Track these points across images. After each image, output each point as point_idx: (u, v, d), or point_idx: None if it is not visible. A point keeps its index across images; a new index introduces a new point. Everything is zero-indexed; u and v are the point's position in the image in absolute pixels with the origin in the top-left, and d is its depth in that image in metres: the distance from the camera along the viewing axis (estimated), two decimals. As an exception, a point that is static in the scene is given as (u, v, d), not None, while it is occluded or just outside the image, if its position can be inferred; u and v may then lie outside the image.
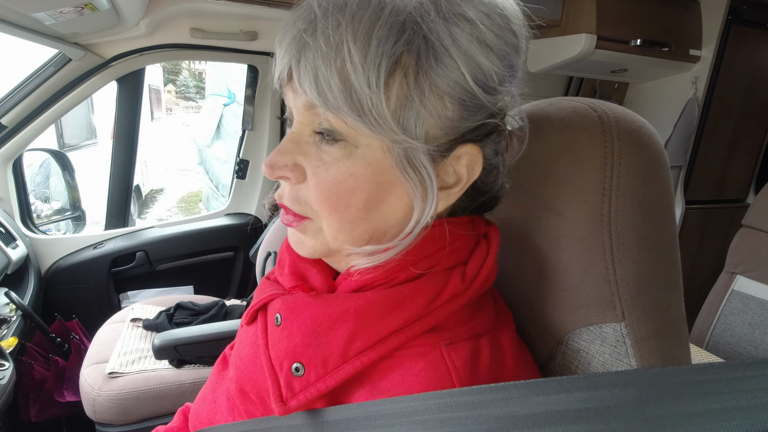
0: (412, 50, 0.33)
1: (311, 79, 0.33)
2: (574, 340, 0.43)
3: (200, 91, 11.51)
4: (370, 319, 0.37)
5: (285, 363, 0.39)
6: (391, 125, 0.34)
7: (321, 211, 0.38)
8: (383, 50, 0.32)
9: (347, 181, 0.36)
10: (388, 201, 0.37)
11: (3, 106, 1.46)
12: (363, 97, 0.33)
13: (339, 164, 0.36)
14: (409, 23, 0.33)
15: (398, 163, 0.35)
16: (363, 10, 0.33)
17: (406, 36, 0.33)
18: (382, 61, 0.32)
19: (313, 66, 0.33)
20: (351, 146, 0.36)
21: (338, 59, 0.32)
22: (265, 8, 1.46)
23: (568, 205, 0.41)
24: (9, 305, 1.29)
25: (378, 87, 0.32)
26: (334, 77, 0.33)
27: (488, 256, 0.41)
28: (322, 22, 0.33)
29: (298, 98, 0.37)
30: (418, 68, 0.33)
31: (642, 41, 1.61)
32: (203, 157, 6.15)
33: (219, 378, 0.52)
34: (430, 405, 0.33)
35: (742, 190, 2.06)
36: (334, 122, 0.35)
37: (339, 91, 0.33)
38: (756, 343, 1.29)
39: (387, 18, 0.32)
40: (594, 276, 0.40)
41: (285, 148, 0.38)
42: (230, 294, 2.01)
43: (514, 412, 0.30)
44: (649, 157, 0.40)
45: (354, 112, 0.33)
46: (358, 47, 0.32)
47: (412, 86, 0.33)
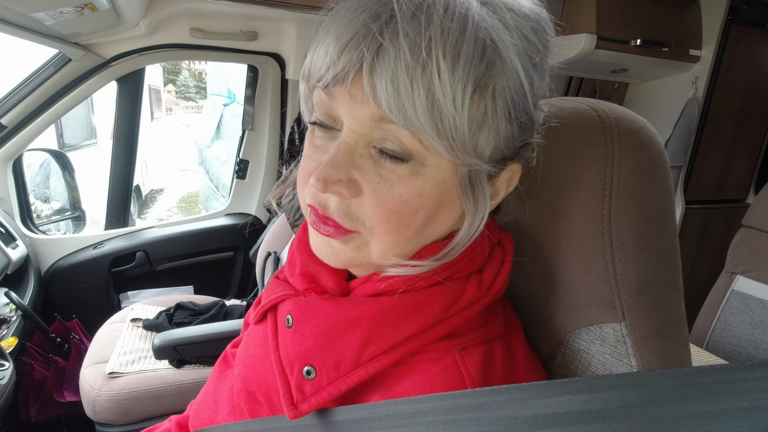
0: (492, 71, 0.31)
1: (391, 91, 0.30)
2: (574, 340, 0.43)
3: (200, 91, 11.52)
4: (385, 325, 0.37)
5: (296, 365, 0.38)
6: (468, 147, 0.32)
7: (378, 229, 0.35)
8: (470, 69, 0.30)
9: (414, 201, 0.34)
10: (441, 218, 0.37)
11: (3, 106, 1.46)
12: (446, 117, 0.30)
13: (405, 183, 0.34)
14: (488, 42, 0.31)
15: (462, 183, 0.35)
16: (450, 19, 0.30)
17: (488, 56, 0.31)
18: (469, 81, 0.30)
19: (394, 76, 0.30)
20: (418, 165, 0.33)
21: (426, 74, 0.30)
22: (265, 8, 1.46)
23: (568, 205, 0.41)
24: (9, 305, 1.29)
25: (463, 108, 0.31)
26: (420, 94, 0.30)
27: (504, 264, 0.41)
28: (405, 25, 0.30)
29: (361, 107, 0.32)
30: (495, 90, 0.32)
31: (642, 41, 1.61)
32: (203, 157, 6.16)
33: (220, 378, 0.52)
34: (434, 407, 0.33)
35: (742, 190, 2.06)
36: (407, 140, 0.32)
37: (423, 110, 0.30)
38: (756, 343, 1.29)
39: (472, 33, 0.30)
40: (594, 276, 0.40)
41: (340, 161, 0.34)
42: (230, 294, 2.01)
43: (517, 414, 0.30)
44: (649, 158, 0.40)
45: (435, 132, 0.31)
46: (447, 63, 0.30)
47: (490, 109, 0.32)
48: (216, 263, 1.95)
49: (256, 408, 0.43)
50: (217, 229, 1.93)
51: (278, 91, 1.91)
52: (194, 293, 1.91)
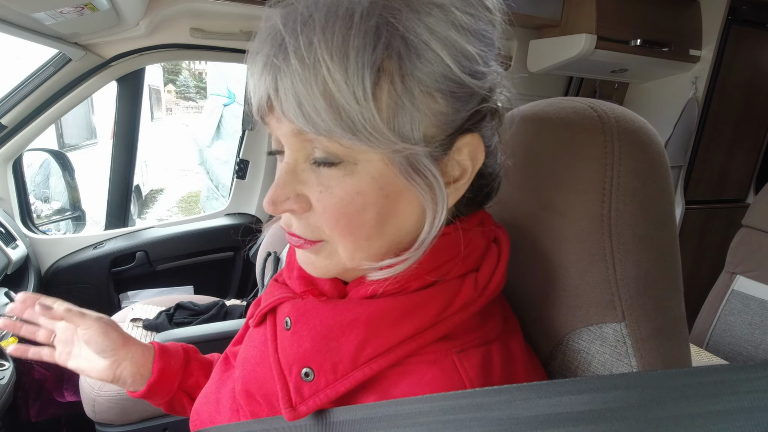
0: (393, 54, 0.31)
1: (295, 106, 0.32)
2: (574, 340, 0.43)
3: (200, 91, 11.52)
4: (381, 327, 0.37)
5: (294, 367, 0.38)
6: (388, 136, 0.32)
7: (334, 235, 0.36)
8: (363, 61, 0.30)
9: (355, 200, 0.34)
10: (399, 210, 0.36)
11: (3, 106, 1.46)
12: (353, 113, 0.31)
13: (342, 185, 0.34)
14: (382, 25, 0.31)
15: (402, 171, 0.34)
16: (332, 22, 0.31)
17: (383, 40, 0.31)
18: (365, 73, 0.30)
19: (294, 91, 0.31)
20: (350, 164, 0.34)
21: (318, 80, 0.31)
22: (265, 8, 1.46)
23: (568, 206, 0.41)
24: (9, 305, 1.29)
25: (366, 100, 0.31)
26: (319, 100, 0.31)
27: (499, 263, 0.40)
28: (291, 43, 0.31)
29: (284, 126, 0.34)
30: (403, 71, 0.32)
31: (642, 41, 1.61)
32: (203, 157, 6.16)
33: (222, 378, 0.52)
34: (434, 407, 0.33)
35: (742, 190, 2.06)
36: (329, 145, 0.33)
37: (327, 113, 0.31)
38: (756, 343, 1.29)
39: (359, 25, 0.31)
40: (594, 276, 0.40)
41: (283, 180, 0.36)
42: (230, 294, 2.01)
43: (518, 414, 0.30)
44: (649, 158, 0.39)
45: (348, 131, 0.31)
46: (336, 63, 0.30)
47: (400, 91, 0.32)
48: (216, 263, 1.95)
49: (257, 409, 0.43)
50: (217, 229, 1.93)
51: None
52: (194, 293, 1.91)
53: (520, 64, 1.86)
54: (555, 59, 1.70)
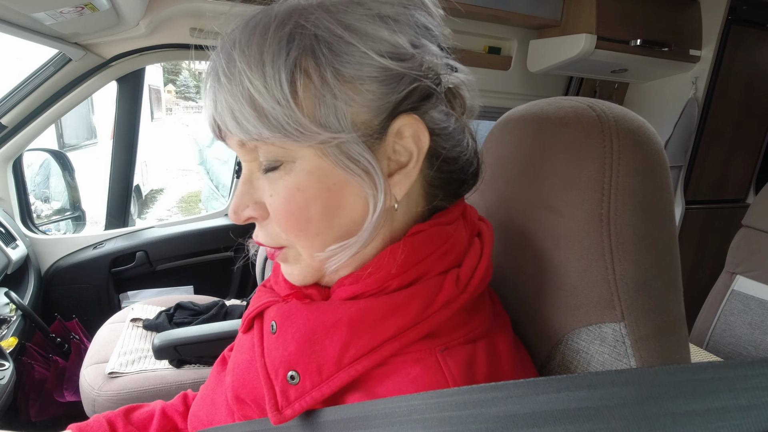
0: (306, 52, 0.33)
1: (230, 118, 0.35)
2: (573, 340, 0.43)
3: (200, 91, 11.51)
4: (363, 327, 0.37)
5: (280, 371, 0.39)
6: (312, 129, 0.34)
7: (289, 236, 0.38)
8: (278, 65, 0.33)
9: (296, 197, 0.36)
10: (346, 201, 0.37)
11: (3, 106, 1.46)
12: (277, 115, 0.33)
13: (284, 184, 0.36)
14: (295, 30, 0.34)
15: (337, 161, 0.35)
16: (251, 38, 0.34)
17: (295, 42, 0.33)
18: (281, 75, 0.33)
19: (227, 106, 0.34)
20: (289, 163, 0.36)
21: (243, 90, 0.33)
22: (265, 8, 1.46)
23: (567, 205, 0.41)
24: (9, 305, 1.29)
25: (287, 100, 0.33)
26: (246, 108, 0.34)
27: (482, 258, 0.40)
28: (220, 64, 0.35)
29: (231, 139, 0.37)
30: (318, 65, 0.33)
31: (642, 41, 1.61)
32: (203, 157, 6.16)
33: (218, 379, 0.52)
34: (430, 404, 0.33)
35: (742, 190, 2.06)
36: (267, 149, 0.36)
37: (254, 119, 0.34)
38: (756, 343, 1.29)
39: (273, 34, 0.33)
40: (593, 276, 0.40)
41: (240, 191, 0.39)
42: (230, 294, 2.01)
43: (514, 411, 0.30)
44: (648, 157, 0.40)
45: (275, 131, 0.34)
46: (255, 72, 0.33)
47: (318, 85, 0.34)
48: (216, 263, 1.95)
49: (248, 413, 0.44)
50: (217, 229, 1.93)
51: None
52: (194, 293, 1.91)
53: (520, 64, 1.86)
54: (555, 59, 1.70)
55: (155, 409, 0.59)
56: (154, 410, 0.59)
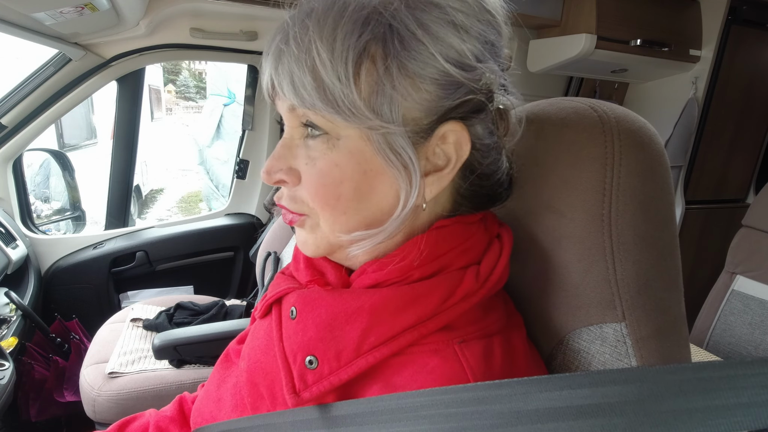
0: (378, 39, 0.34)
1: (288, 82, 0.36)
2: (574, 340, 0.43)
3: (200, 91, 11.51)
4: (384, 315, 0.38)
5: (299, 355, 0.39)
6: (365, 113, 0.35)
7: (315, 206, 0.39)
8: (348, 43, 0.34)
9: (333, 172, 0.37)
10: (378, 189, 0.38)
11: (3, 106, 1.46)
12: (335, 90, 0.34)
13: (324, 157, 0.37)
14: (373, 15, 0.34)
15: (379, 149, 0.36)
16: (328, 11, 0.35)
17: (370, 27, 0.34)
18: (349, 54, 0.34)
19: (289, 70, 0.35)
20: (333, 139, 0.37)
21: (309, 59, 0.34)
22: (265, 8, 1.46)
23: (568, 205, 0.41)
24: (9, 305, 1.29)
25: (348, 79, 0.34)
26: (307, 77, 0.35)
27: (501, 257, 0.41)
28: (292, 30, 0.36)
29: (282, 103, 0.39)
30: (386, 55, 0.34)
31: (642, 41, 1.61)
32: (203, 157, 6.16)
33: (223, 375, 0.52)
34: (436, 400, 0.33)
35: (742, 190, 2.06)
36: (314, 118, 0.37)
37: (312, 89, 0.35)
38: (756, 343, 1.29)
39: (350, 14, 0.34)
40: (594, 276, 0.40)
41: (278, 153, 0.40)
42: (230, 294, 2.01)
43: (518, 408, 0.30)
44: (649, 158, 0.40)
45: (329, 105, 0.35)
46: (324, 45, 0.34)
47: (381, 73, 0.35)
48: (216, 263, 1.95)
49: (258, 402, 0.44)
50: (217, 229, 1.93)
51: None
52: (194, 293, 1.91)
53: (520, 64, 1.87)
54: (555, 59, 1.70)
55: (149, 422, 0.59)
56: (148, 423, 0.59)
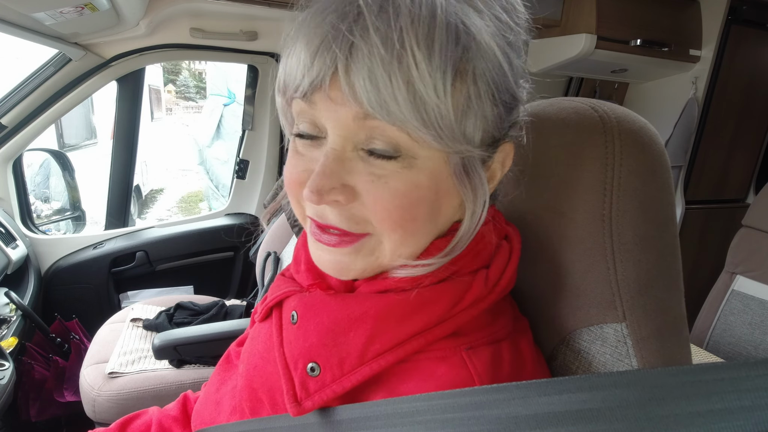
0: (470, 55, 0.31)
1: (370, 88, 0.30)
2: (575, 340, 0.43)
3: (200, 91, 11.51)
4: (390, 322, 0.36)
5: (300, 362, 0.38)
6: (455, 134, 0.32)
7: (383, 227, 0.35)
8: (446, 55, 0.30)
9: (412, 194, 0.33)
10: (443, 210, 0.36)
11: (3, 106, 1.46)
12: (430, 107, 0.30)
13: (400, 176, 0.33)
14: (460, 26, 0.31)
15: (456, 171, 0.34)
16: (417, 8, 0.30)
17: (462, 40, 0.31)
18: (447, 67, 0.30)
19: (371, 72, 0.29)
20: (410, 158, 0.33)
21: (402, 66, 0.29)
22: (265, 8, 1.46)
23: (569, 206, 0.41)
24: (9, 305, 1.29)
25: (445, 95, 0.30)
26: (400, 87, 0.29)
27: (510, 260, 0.40)
28: (373, 20, 0.29)
29: (343, 108, 0.32)
30: (475, 74, 0.32)
31: (642, 41, 1.61)
32: (203, 157, 6.16)
33: (223, 377, 0.51)
34: (433, 405, 0.33)
35: (742, 190, 2.06)
36: (394, 135, 0.32)
37: (405, 102, 0.30)
38: (756, 343, 1.29)
39: (442, 19, 0.30)
40: (595, 276, 0.40)
41: (330, 169, 0.33)
42: (230, 294, 2.00)
43: (516, 413, 0.30)
44: (650, 158, 0.40)
45: (421, 123, 0.30)
46: (423, 51, 0.29)
47: (472, 92, 0.32)
48: (216, 263, 1.95)
49: (257, 407, 0.43)
50: (217, 229, 1.93)
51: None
52: (194, 293, 1.91)
53: (520, 64, 1.86)
54: (555, 59, 1.70)
55: (152, 419, 0.58)
56: (151, 421, 0.58)
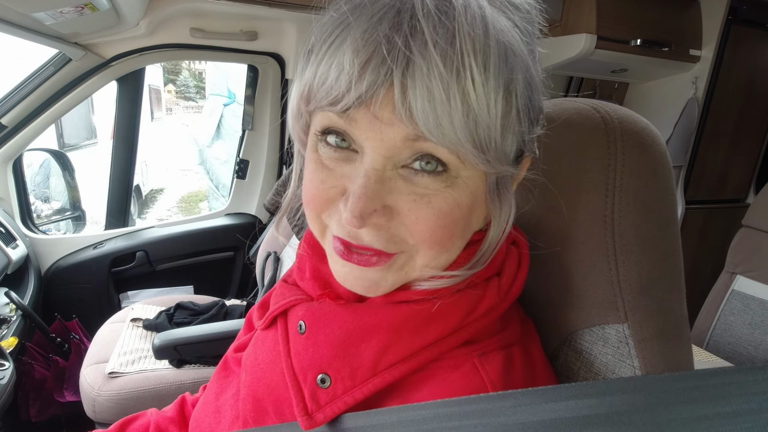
0: (516, 73, 0.30)
1: (428, 109, 0.27)
2: (576, 341, 0.43)
3: (200, 91, 11.51)
4: (404, 333, 0.36)
5: (310, 373, 0.37)
6: (500, 155, 0.31)
7: (421, 246, 0.34)
8: (499, 74, 0.28)
9: (454, 212, 0.33)
10: (473, 223, 0.36)
11: (3, 106, 1.46)
12: (482, 128, 0.29)
13: (443, 196, 0.32)
14: (507, 44, 0.29)
15: (491, 189, 0.34)
16: (471, 22, 0.28)
17: (510, 58, 0.29)
18: (500, 87, 0.29)
19: (429, 92, 0.27)
20: (452, 177, 0.32)
21: (460, 86, 0.27)
22: (265, 8, 1.46)
23: (570, 206, 0.41)
24: (9, 305, 1.29)
25: (497, 116, 0.29)
26: (458, 109, 0.28)
27: (521, 267, 0.40)
28: (433, 33, 0.27)
29: (391, 129, 0.29)
30: (517, 92, 0.30)
31: (642, 41, 1.61)
32: (203, 157, 6.16)
33: (222, 385, 0.50)
34: (439, 413, 0.33)
35: (742, 190, 2.06)
36: (443, 156, 0.30)
37: (460, 124, 0.28)
38: (756, 343, 1.29)
39: (494, 37, 0.28)
40: (597, 277, 0.40)
41: (372, 191, 0.31)
42: (230, 294, 2.00)
43: (524, 420, 0.30)
44: (651, 159, 0.39)
45: (473, 146, 0.29)
46: (479, 70, 0.27)
47: (513, 113, 0.31)
48: (216, 263, 1.95)
49: (262, 417, 0.42)
50: (217, 229, 1.93)
51: (278, 91, 1.92)
52: (194, 293, 1.91)
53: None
54: (555, 59, 1.70)
55: (149, 421, 0.58)
56: (149, 423, 0.57)
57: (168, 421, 0.58)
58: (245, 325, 0.57)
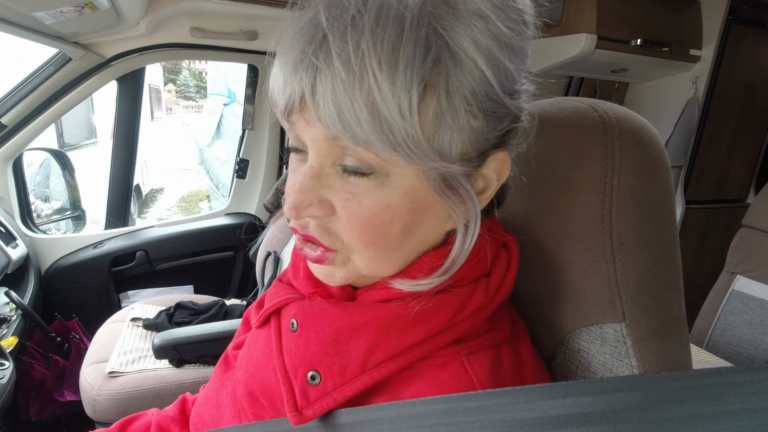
0: (441, 68, 0.29)
1: (334, 113, 0.29)
2: (574, 340, 0.43)
3: (200, 91, 11.51)
4: (392, 331, 0.36)
5: (300, 370, 0.38)
6: (427, 153, 0.31)
7: (355, 244, 0.35)
8: (412, 73, 0.28)
9: (384, 213, 0.33)
10: (425, 222, 0.36)
11: (3, 105, 1.46)
12: (395, 127, 0.29)
13: (372, 196, 0.33)
14: (432, 36, 0.29)
15: (436, 186, 0.33)
16: (383, 26, 0.28)
17: (432, 52, 0.29)
18: (413, 85, 0.29)
19: (334, 96, 0.29)
20: (383, 176, 0.33)
21: (363, 88, 0.29)
22: (265, 8, 1.46)
23: (569, 206, 0.41)
24: (9, 305, 1.29)
25: (411, 114, 0.29)
26: (362, 109, 0.29)
27: (509, 269, 0.40)
28: (335, 43, 0.29)
29: (315, 129, 0.32)
30: (449, 87, 0.30)
31: (642, 41, 1.61)
32: (203, 156, 6.17)
33: (222, 379, 0.51)
34: (437, 409, 0.33)
35: (742, 190, 2.06)
36: (364, 155, 0.31)
37: (368, 125, 0.29)
38: (756, 343, 1.29)
39: (409, 32, 0.28)
40: (595, 276, 0.40)
41: (306, 185, 0.34)
42: (230, 294, 2.01)
43: (521, 416, 0.30)
44: (650, 158, 0.39)
45: (388, 145, 0.30)
46: (384, 73, 0.28)
47: (445, 108, 0.30)
48: (216, 263, 1.95)
49: (260, 411, 0.43)
50: (217, 229, 1.93)
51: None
52: (194, 293, 1.91)
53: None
54: (555, 59, 1.70)
55: (150, 421, 0.58)
56: (150, 422, 0.58)
57: (169, 420, 0.58)
58: (243, 323, 0.58)
